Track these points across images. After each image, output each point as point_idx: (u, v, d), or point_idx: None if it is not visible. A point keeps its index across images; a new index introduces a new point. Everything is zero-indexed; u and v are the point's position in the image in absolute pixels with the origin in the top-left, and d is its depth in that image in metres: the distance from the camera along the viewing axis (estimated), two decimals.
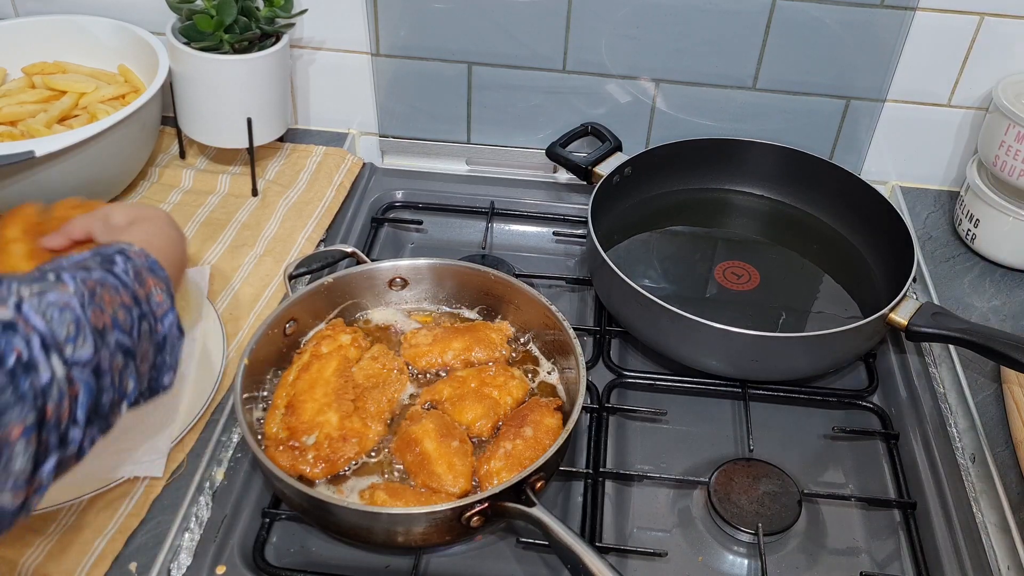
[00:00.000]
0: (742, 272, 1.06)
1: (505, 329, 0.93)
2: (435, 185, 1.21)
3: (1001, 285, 1.07)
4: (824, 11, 1.08)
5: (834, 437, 0.92)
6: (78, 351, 0.57)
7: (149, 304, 0.67)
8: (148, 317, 0.66)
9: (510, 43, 1.14)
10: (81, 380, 0.57)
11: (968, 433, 0.91)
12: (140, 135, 1.07)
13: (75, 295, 0.59)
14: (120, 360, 0.62)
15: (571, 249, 1.15)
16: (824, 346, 0.91)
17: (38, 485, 0.55)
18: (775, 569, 0.81)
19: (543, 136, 1.21)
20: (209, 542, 0.78)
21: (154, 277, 0.69)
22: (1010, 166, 1.04)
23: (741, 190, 1.19)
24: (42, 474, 0.55)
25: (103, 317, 0.61)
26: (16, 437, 0.52)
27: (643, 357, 1.00)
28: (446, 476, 0.78)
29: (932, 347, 1.00)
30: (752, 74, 1.14)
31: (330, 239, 1.10)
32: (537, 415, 0.83)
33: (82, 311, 0.59)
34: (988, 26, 1.07)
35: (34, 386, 0.53)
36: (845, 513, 0.86)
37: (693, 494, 0.86)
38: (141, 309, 0.66)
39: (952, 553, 0.81)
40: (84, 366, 0.58)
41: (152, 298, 0.67)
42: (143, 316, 0.66)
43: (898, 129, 1.17)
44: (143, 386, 0.66)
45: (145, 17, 1.14)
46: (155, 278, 0.69)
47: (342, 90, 1.22)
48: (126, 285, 0.65)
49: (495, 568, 0.79)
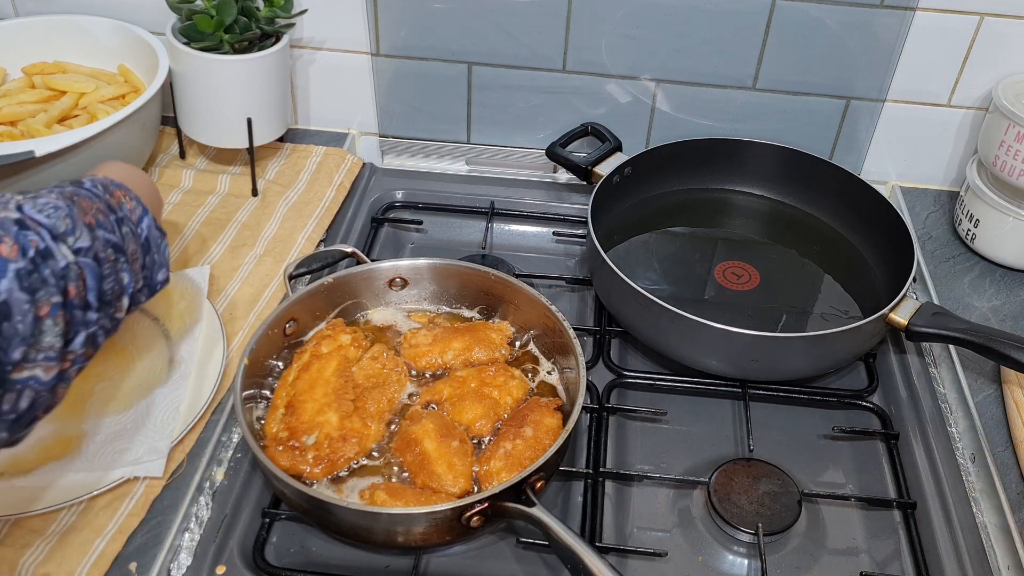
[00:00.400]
0: (742, 272, 1.06)
1: (505, 329, 0.93)
2: (435, 185, 1.21)
3: (1001, 285, 1.07)
4: (824, 11, 1.08)
5: (834, 437, 0.92)
6: (78, 241, 0.66)
7: (122, 210, 0.75)
8: (127, 221, 0.75)
9: (510, 43, 1.14)
10: (86, 265, 0.66)
11: (968, 433, 0.91)
12: (140, 135, 1.07)
13: (59, 199, 0.68)
14: (111, 253, 0.71)
15: (571, 249, 1.15)
16: (824, 346, 0.91)
17: (72, 358, 0.65)
18: (775, 569, 0.81)
19: (543, 136, 1.21)
20: (209, 542, 0.78)
21: (121, 190, 0.77)
22: (1010, 166, 1.04)
23: (741, 190, 1.19)
24: (75, 346, 0.65)
25: (87, 217, 0.69)
26: (45, 314, 0.61)
27: (643, 357, 1.00)
28: (446, 476, 0.78)
29: (932, 347, 1.00)
30: (752, 74, 1.14)
31: (330, 239, 1.10)
32: (537, 415, 0.83)
33: (69, 211, 0.67)
34: (988, 26, 1.07)
35: (53, 271, 0.63)
36: (845, 513, 0.86)
37: (693, 494, 0.86)
38: (116, 214, 0.74)
39: (952, 553, 0.81)
40: (85, 254, 0.67)
41: (124, 205, 0.76)
42: (120, 220, 0.74)
43: (898, 129, 1.17)
44: (139, 283, 0.75)
45: (145, 17, 1.14)
46: (122, 191, 0.77)
47: (342, 90, 1.22)
48: (98, 196, 0.73)
49: (495, 568, 0.79)
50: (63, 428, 0.82)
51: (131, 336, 0.91)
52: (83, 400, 0.85)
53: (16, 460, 0.80)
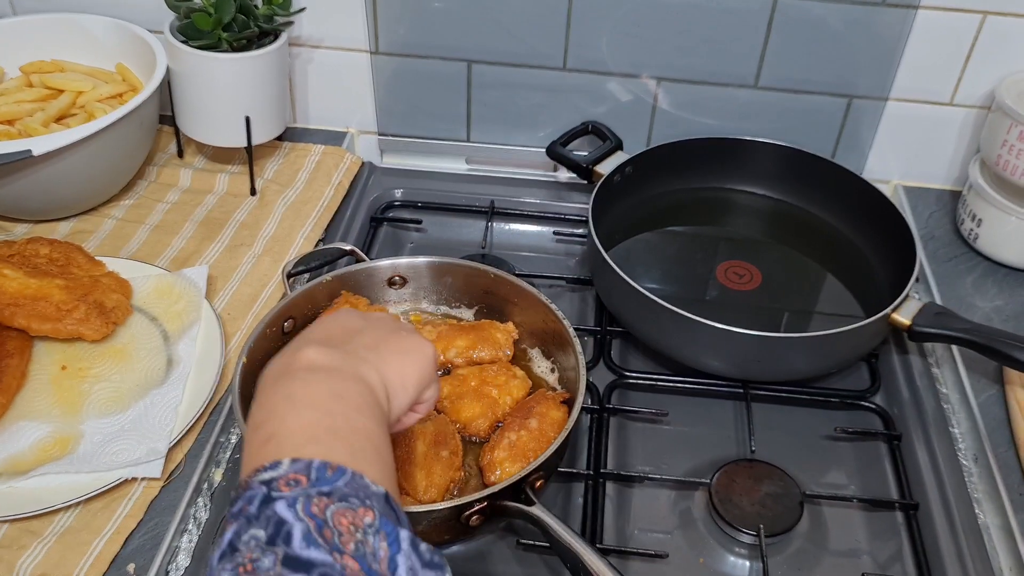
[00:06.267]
0: (744, 272, 1.06)
1: (511, 330, 0.93)
2: (435, 184, 1.21)
3: (1004, 285, 1.07)
4: (826, 9, 1.08)
5: (836, 438, 0.92)
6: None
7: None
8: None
9: (510, 41, 1.14)
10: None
11: (970, 434, 0.90)
12: (138, 134, 1.07)
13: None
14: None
15: (571, 249, 1.15)
16: (826, 346, 0.90)
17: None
18: (777, 570, 0.80)
19: (543, 135, 1.21)
20: (207, 543, 0.77)
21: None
22: (1012, 165, 1.03)
23: (743, 189, 1.18)
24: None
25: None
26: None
27: (644, 357, 0.99)
28: (420, 482, 0.77)
29: (934, 347, 1.00)
30: (754, 72, 1.14)
31: (329, 239, 1.09)
32: (543, 407, 0.83)
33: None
34: (990, 24, 1.07)
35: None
36: (847, 514, 0.85)
37: (694, 495, 0.86)
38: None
39: (954, 554, 0.80)
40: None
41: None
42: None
43: (900, 128, 1.17)
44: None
45: (143, 15, 1.13)
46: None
47: (341, 89, 1.21)
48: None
49: (495, 568, 0.79)
50: (61, 429, 0.82)
51: (129, 336, 0.91)
52: (81, 401, 0.85)
53: (14, 461, 0.79)
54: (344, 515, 0.44)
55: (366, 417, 0.52)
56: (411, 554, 0.45)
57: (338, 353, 0.55)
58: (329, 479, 0.46)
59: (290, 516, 0.44)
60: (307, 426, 0.49)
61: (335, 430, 0.49)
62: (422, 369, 0.60)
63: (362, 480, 0.47)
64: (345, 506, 0.45)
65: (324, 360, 0.54)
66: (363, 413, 0.52)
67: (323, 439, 0.48)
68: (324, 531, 0.43)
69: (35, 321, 0.86)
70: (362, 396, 0.53)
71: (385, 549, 0.44)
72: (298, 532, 0.43)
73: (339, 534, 0.43)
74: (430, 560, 0.46)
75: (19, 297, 0.86)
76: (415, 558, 0.45)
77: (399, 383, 0.57)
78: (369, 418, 0.52)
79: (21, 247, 0.95)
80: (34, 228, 1.06)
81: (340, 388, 0.52)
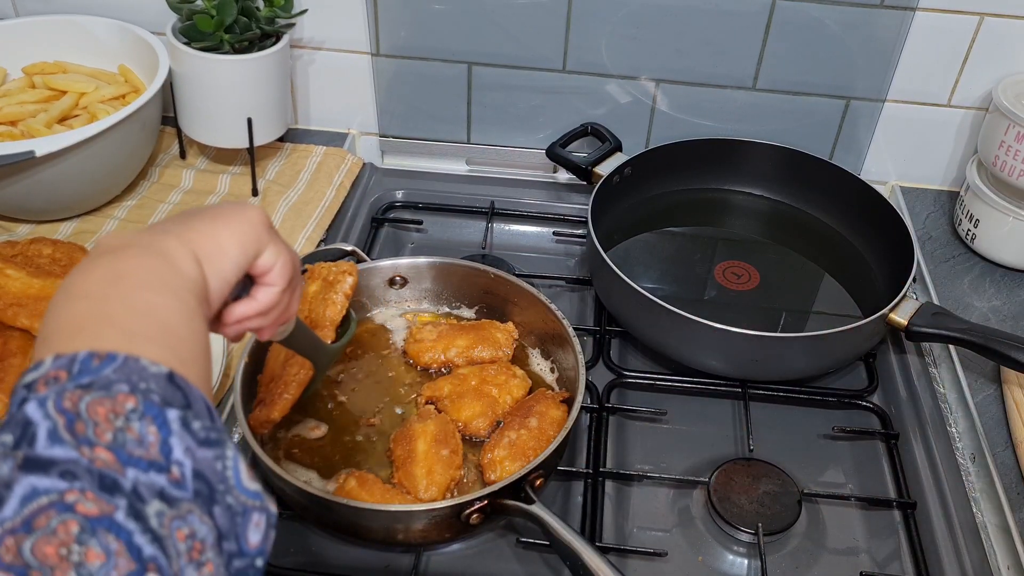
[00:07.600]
0: (742, 272, 1.06)
1: (511, 330, 0.93)
2: (435, 185, 1.21)
3: (1001, 285, 1.07)
4: (824, 11, 1.08)
5: (834, 437, 0.92)
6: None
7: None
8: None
9: (510, 43, 1.14)
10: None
11: (968, 433, 0.91)
12: (140, 135, 1.07)
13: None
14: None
15: (571, 249, 1.15)
16: (824, 346, 0.91)
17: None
18: (775, 569, 0.81)
19: (543, 136, 1.21)
20: None
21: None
22: (1010, 166, 1.04)
23: (741, 190, 1.19)
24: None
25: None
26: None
27: (643, 357, 1.00)
28: (421, 480, 0.78)
29: (932, 347, 1.00)
30: (752, 74, 1.14)
31: (330, 239, 1.10)
32: (543, 406, 0.83)
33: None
34: (988, 26, 1.07)
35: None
36: (845, 513, 0.86)
37: (693, 494, 0.86)
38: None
39: (952, 553, 0.81)
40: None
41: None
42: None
43: (898, 129, 1.17)
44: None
45: (145, 17, 1.14)
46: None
47: (342, 90, 1.22)
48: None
49: (495, 568, 0.79)
50: None
51: None
52: None
53: None
54: (101, 404, 0.41)
55: (154, 292, 0.48)
56: (184, 434, 0.43)
57: (136, 233, 0.52)
58: (94, 369, 0.43)
59: (38, 416, 0.41)
60: (75, 317, 0.46)
61: (107, 316, 0.46)
62: (241, 231, 0.56)
63: (137, 363, 0.43)
64: (103, 395, 0.42)
65: (114, 241, 0.51)
66: (150, 289, 0.49)
67: (90, 327, 0.45)
68: (76, 425, 0.41)
69: (38, 321, 0.86)
70: (152, 271, 0.50)
71: (155, 433, 0.42)
72: (43, 431, 0.40)
73: (94, 425, 0.41)
74: (206, 438, 0.44)
75: (22, 297, 0.87)
76: (189, 438, 0.43)
77: (213, 247, 0.54)
78: (159, 293, 0.49)
79: (24, 247, 0.95)
80: (37, 228, 1.07)
81: (122, 268, 0.49)
